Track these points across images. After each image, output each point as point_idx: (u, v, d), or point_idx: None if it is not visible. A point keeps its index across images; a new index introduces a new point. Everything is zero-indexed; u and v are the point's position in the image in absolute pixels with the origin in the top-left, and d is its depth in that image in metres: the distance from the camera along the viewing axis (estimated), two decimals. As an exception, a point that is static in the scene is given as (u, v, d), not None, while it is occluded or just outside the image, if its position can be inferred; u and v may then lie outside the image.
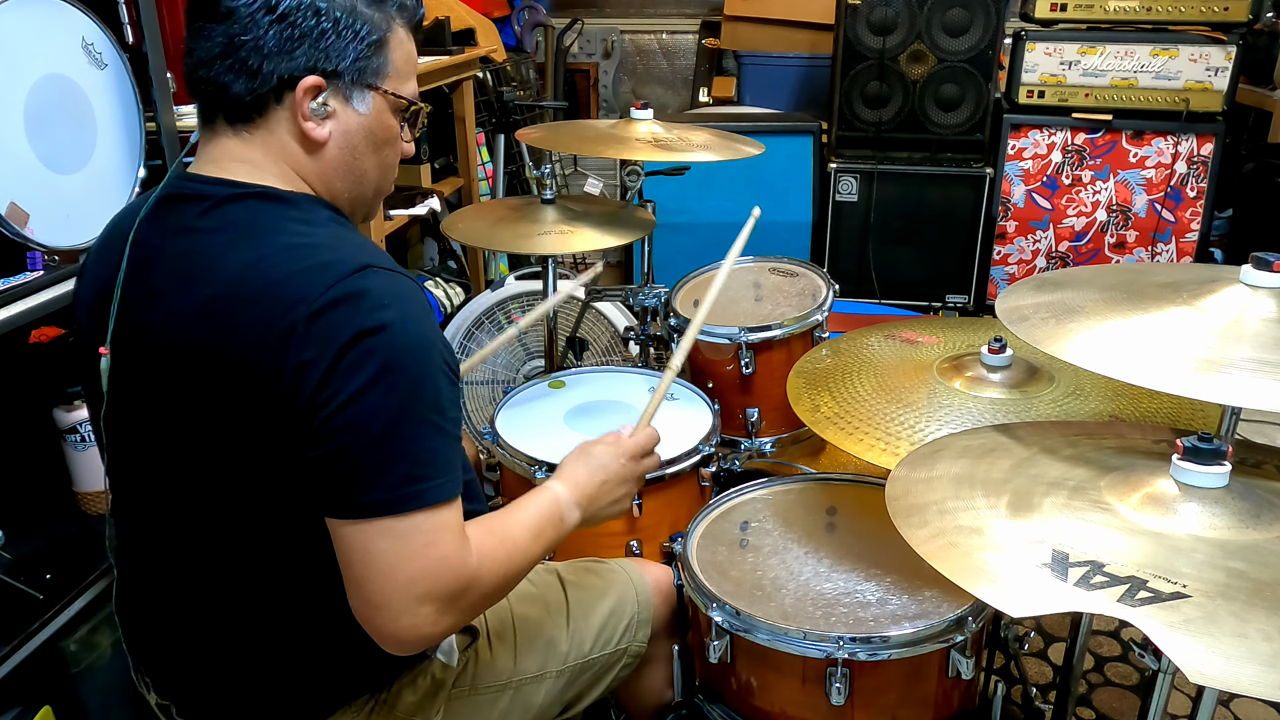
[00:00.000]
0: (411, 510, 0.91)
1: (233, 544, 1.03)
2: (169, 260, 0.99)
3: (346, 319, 0.90)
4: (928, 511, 1.01)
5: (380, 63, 1.02)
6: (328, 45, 0.97)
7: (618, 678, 1.37)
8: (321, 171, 1.03)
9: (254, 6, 0.95)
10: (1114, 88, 3.31)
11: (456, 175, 3.40)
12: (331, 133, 1.01)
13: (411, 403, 0.92)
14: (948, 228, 3.56)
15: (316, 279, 0.92)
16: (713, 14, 4.72)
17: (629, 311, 2.75)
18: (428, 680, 1.16)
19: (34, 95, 1.44)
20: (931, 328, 1.67)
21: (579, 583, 1.37)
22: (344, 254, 0.95)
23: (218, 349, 0.94)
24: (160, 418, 1.01)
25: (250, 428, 0.95)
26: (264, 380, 0.92)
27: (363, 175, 1.07)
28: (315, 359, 0.90)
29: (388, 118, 1.05)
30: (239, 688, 1.08)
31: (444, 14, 3.28)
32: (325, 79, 0.98)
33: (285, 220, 0.98)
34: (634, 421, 1.29)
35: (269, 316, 0.91)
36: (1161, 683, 1.01)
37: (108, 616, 1.56)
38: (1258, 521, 0.93)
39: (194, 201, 1.00)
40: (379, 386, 0.90)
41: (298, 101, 0.98)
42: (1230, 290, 1.04)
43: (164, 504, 1.06)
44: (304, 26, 0.96)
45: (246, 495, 1.00)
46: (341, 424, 0.90)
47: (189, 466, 1.01)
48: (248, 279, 0.93)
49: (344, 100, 1.01)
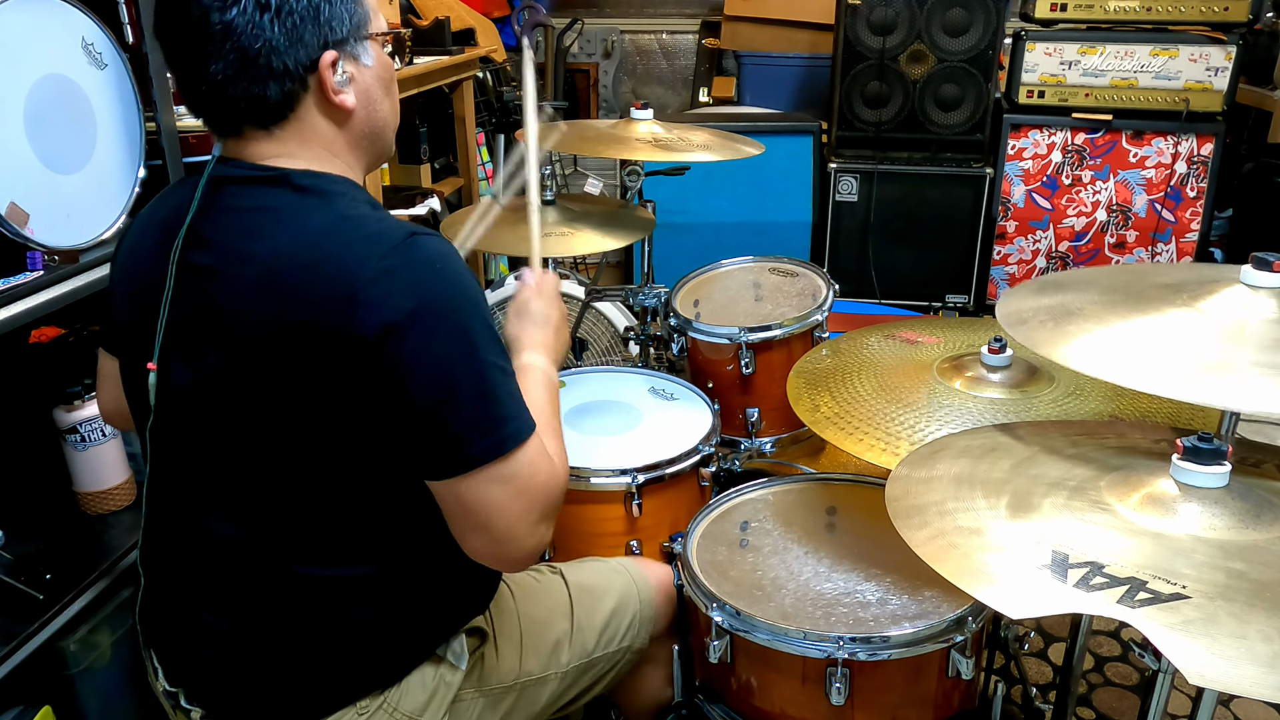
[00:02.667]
0: (512, 451, 0.99)
1: (273, 528, 1.06)
2: (219, 238, 1.02)
3: (408, 282, 0.95)
4: (928, 512, 1.01)
5: (363, 11, 1.05)
6: (327, 17, 1.00)
7: (620, 674, 1.38)
8: (351, 139, 1.08)
9: (249, 13, 0.95)
10: (1114, 88, 3.31)
11: (456, 175, 3.40)
12: (356, 95, 1.05)
13: (486, 352, 0.99)
14: (948, 228, 3.56)
15: (372, 246, 0.96)
16: (713, 14, 4.72)
17: (629, 311, 2.75)
18: (435, 681, 1.16)
19: (34, 95, 1.44)
20: (931, 328, 1.67)
21: (582, 582, 1.37)
22: (391, 224, 1.00)
23: (278, 321, 0.96)
24: (217, 401, 1.03)
25: (317, 400, 0.98)
26: (331, 352, 0.95)
27: (383, 122, 1.11)
28: (384, 323, 0.93)
29: (385, 57, 1.09)
30: (252, 672, 1.09)
31: (444, 14, 3.28)
32: (337, 48, 1.01)
33: (330, 197, 1.02)
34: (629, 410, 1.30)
35: (327, 284, 0.95)
36: (1161, 683, 1.01)
37: (108, 616, 1.56)
38: (1258, 522, 0.93)
39: (237, 184, 1.03)
40: (456, 343, 0.96)
41: (323, 81, 1.01)
42: (1230, 290, 1.04)
43: (204, 490, 1.08)
44: (300, 10, 0.98)
45: (297, 476, 1.03)
46: (424, 383, 0.95)
47: (242, 450, 1.04)
48: (300, 251, 0.97)
49: (355, 61, 1.04)
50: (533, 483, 1.02)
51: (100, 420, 1.62)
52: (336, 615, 1.08)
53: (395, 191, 3.04)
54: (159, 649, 1.18)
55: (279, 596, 1.08)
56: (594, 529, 1.54)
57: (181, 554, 1.13)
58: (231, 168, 1.04)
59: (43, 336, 1.82)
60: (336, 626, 1.08)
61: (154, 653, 1.19)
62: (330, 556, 1.07)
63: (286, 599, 1.08)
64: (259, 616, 1.09)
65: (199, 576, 1.11)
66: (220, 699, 1.13)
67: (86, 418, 1.61)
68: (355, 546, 1.07)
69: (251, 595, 1.09)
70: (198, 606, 1.11)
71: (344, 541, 1.07)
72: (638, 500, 1.55)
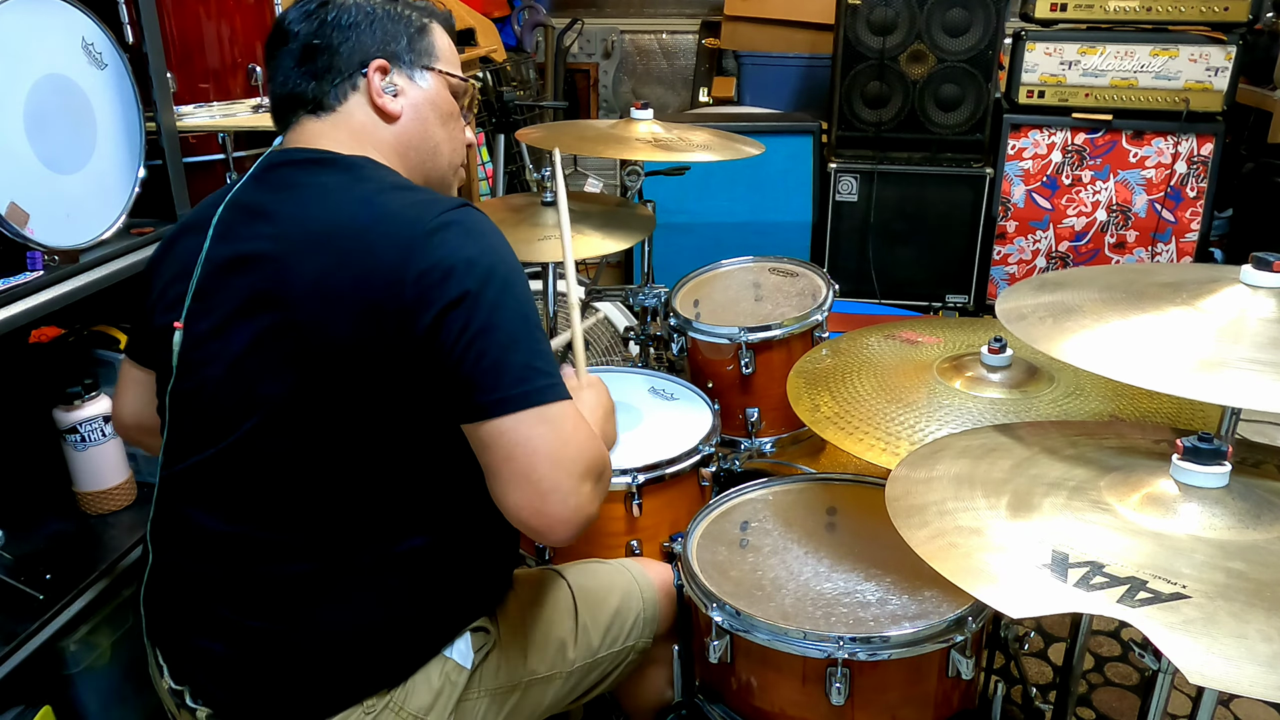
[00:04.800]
0: (555, 399, 1.02)
1: (290, 506, 1.07)
2: (276, 207, 1.09)
3: (460, 241, 1.02)
4: (928, 512, 1.01)
5: (428, 45, 1.19)
6: (383, 31, 1.15)
7: (624, 674, 1.38)
8: (398, 142, 1.17)
9: (313, 17, 1.13)
10: (1114, 88, 3.32)
11: (456, 175, 3.39)
12: (403, 106, 1.16)
13: (530, 311, 1.04)
14: (948, 228, 3.57)
15: (425, 211, 1.04)
16: (713, 14, 4.72)
17: (629, 311, 2.75)
18: (441, 680, 1.16)
19: (34, 95, 1.44)
20: (931, 328, 1.67)
21: (585, 584, 1.37)
22: (440, 195, 1.09)
23: (334, 276, 1.02)
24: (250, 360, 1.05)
25: (365, 355, 1.01)
26: (384, 303, 0.99)
27: (436, 146, 1.21)
28: (437, 275, 0.99)
29: (446, 94, 1.21)
30: (260, 668, 1.09)
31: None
32: (389, 60, 1.15)
33: (380, 174, 1.12)
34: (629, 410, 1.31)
35: (386, 242, 1.01)
36: (1161, 683, 1.01)
37: (108, 616, 1.56)
38: (1258, 522, 0.93)
39: (295, 166, 1.12)
40: (504, 296, 1.02)
41: (370, 83, 1.14)
42: (1230, 290, 1.04)
43: (222, 463, 1.08)
44: (359, 20, 1.14)
45: (329, 443, 1.05)
46: (478, 330, 0.99)
47: (270, 415, 1.05)
48: (359, 214, 1.05)
49: (408, 78, 1.17)
50: (578, 435, 1.03)
51: (100, 420, 1.62)
52: (346, 611, 1.08)
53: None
54: (164, 644, 1.18)
55: (290, 590, 1.08)
56: (594, 529, 1.53)
57: (192, 537, 1.13)
58: (286, 154, 1.14)
59: (43, 336, 1.82)
60: (346, 622, 1.08)
61: (159, 649, 1.18)
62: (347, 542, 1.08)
63: (298, 592, 1.08)
64: (269, 610, 1.09)
65: (209, 564, 1.11)
66: (227, 697, 1.12)
67: (86, 418, 1.61)
68: (370, 536, 1.08)
69: (261, 584, 1.08)
70: (206, 597, 1.11)
71: (363, 526, 1.08)
72: (638, 500, 1.55)
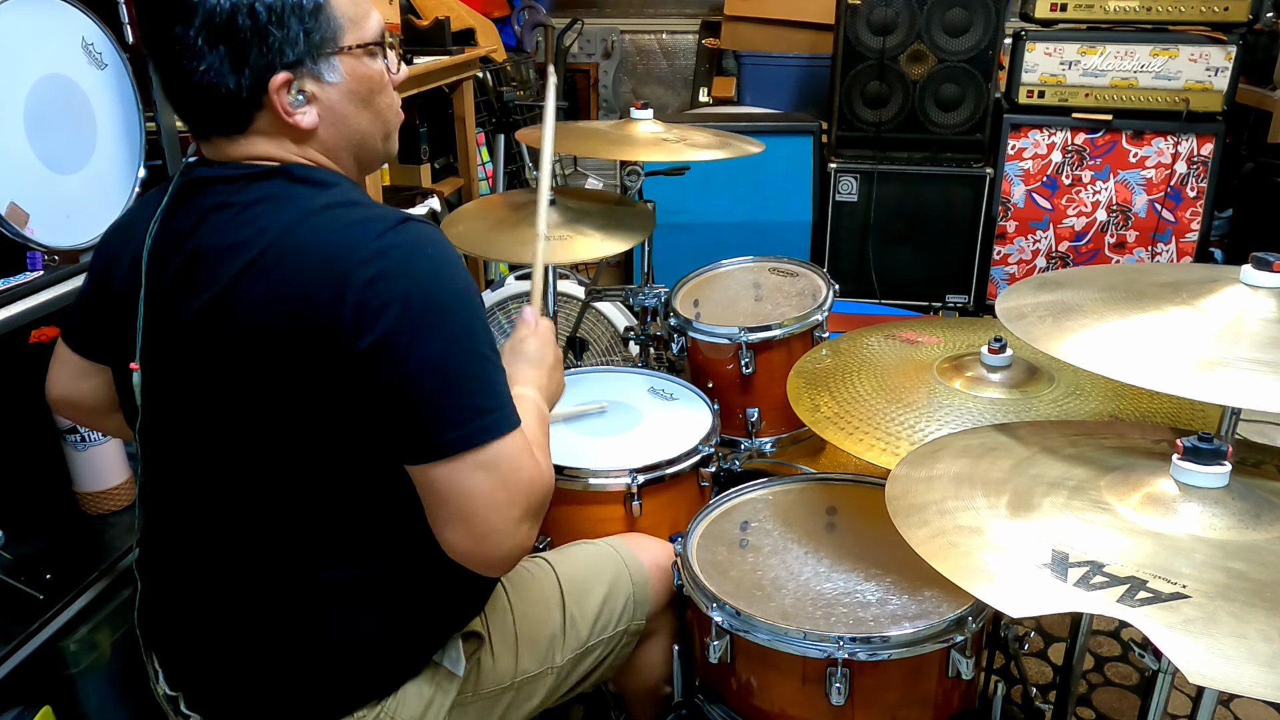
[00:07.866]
0: (494, 439, 0.97)
1: (270, 527, 1.05)
2: (210, 232, 1.01)
3: (399, 267, 0.95)
4: (927, 511, 1.01)
5: (329, 25, 1.00)
6: (275, 40, 0.97)
7: (619, 658, 1.38)
8: (323, 149, 1.06)
9: (193, 35, 0.95)
10: (1114, 88, 3.31)
11: (456, 175, 3.39)
12: (318, 114, 1.03)
13: (471, 341, 0.98)
14: (948, 228, 3.57)
15: (363, 232, 0.96)
16: (713, 14, 4.72)
17: (629, 311, 2.75)
18: (433, 689, 1.16)
19: (34, 95, 1.44)
20: (931, 328, 1.67)
21: (572, 574, 1.36)
22: (380, 210, 1.00)
23: (270, 307, 0.96)
24: (207, 394, 1.03)
25: (308, 384, 0.97)
26: (320, 333, 0.95)
27: (362, 134, 1.08)
28: (373, 307, 0.93)
29: (363, 69, 1.05)
30: (252, 679, 1.09)
31: (444, 14, 3.28)
32: (289, 70, 0.99)
33: (317, 187, 1.02)
34: (629, 410, 1.29)
35: (320, 270, 0.95)
36: (1161, 683, 1.01)
37: (108, 616, 1.56)
38: (1258, 522, 0.93)
39: (223, 183, 1.02)
40: (440, 329, 0.96)
41: (276, 102, 0.99)
42: (1230, 290, 1.04)
43: (199, 489, 1.08)
44: (245, 32, 0.95)
45: (292, 469, 1.02)
46: (412, 369, 0.94)
47: (234, 443, 1.03)
48: (292, 239, 0.97)
49: (315, 80, 1.01)
50: (517, 476, 0.99)
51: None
52: (335, 622, 1.08)
53: (395, 191, 3.04)
54: (160, 652, 1.18)
55: (277, 602, 1.07)
56: (594, 529, 1.53)
57: (178, 559, 1.13)
58: (216, 169, 1.03)
59: (43, 336, 1.82)
60: (335, 634, 1.08)
61: (155, 656, 1.18)
62: (327, 558, 1.06)
63: (285, 605, 1.07)
64: (256, 624, 1.08)
65: (196, 582, 1.11)
66: (220, 706, 1.12)
67: (86, 418, 1.61)
68: (353, 548, 1.07)
69: (249, 602, 1.08)
70: (195, 613, 1.11)
71: (341, 543, 1.06)
72: (637, 500, 1.55)
